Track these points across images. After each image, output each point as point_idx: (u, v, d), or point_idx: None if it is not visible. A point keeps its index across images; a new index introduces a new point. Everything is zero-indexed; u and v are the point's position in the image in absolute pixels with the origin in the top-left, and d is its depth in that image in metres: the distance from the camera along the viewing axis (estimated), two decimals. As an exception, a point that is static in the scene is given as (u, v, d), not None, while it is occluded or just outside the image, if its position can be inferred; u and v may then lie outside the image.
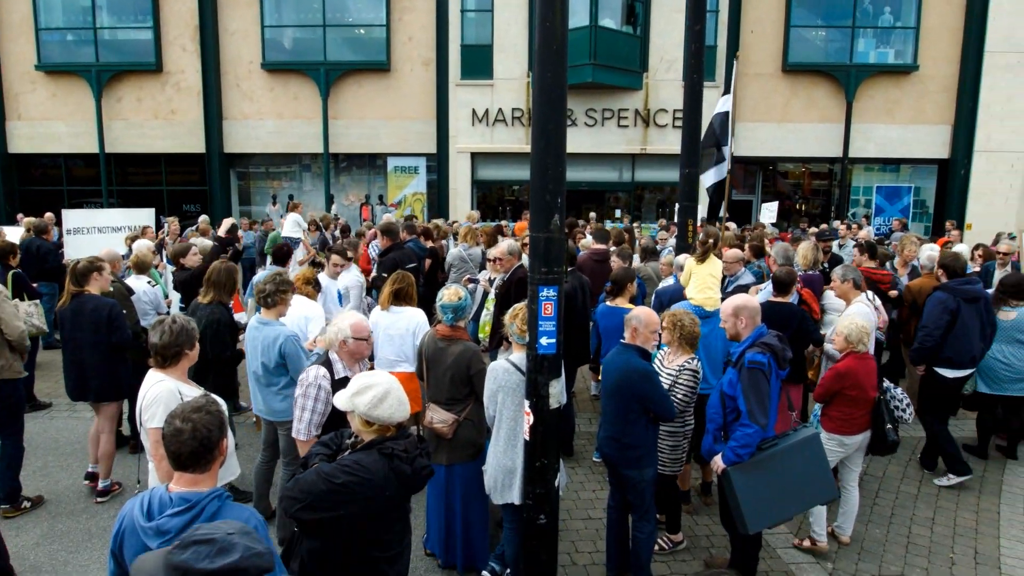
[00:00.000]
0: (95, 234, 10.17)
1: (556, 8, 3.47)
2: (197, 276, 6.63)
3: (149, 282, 6.99)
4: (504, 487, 4.09)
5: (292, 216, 13.06)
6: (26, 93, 18.92)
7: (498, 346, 6.07)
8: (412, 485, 2.80)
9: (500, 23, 17.81)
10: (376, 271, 8.12)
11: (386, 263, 7.66)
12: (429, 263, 9.10)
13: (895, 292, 7.14)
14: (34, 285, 7.72)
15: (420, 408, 4.96)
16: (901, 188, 18.84)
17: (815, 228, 14.00)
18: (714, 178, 9.23)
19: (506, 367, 4.07)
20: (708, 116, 9.31)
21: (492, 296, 7.00)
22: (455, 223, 13.99)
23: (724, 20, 17.69)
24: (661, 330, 4.47)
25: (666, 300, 6.31)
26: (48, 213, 11.85)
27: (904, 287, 7.17)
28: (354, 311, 4.60)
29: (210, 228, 11.76)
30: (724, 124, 9.21)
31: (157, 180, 19.76)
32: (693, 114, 7.47)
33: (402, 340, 5.28)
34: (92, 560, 4.70)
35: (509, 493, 4.08)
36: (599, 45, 16.62)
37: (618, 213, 19.03)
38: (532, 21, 17.03)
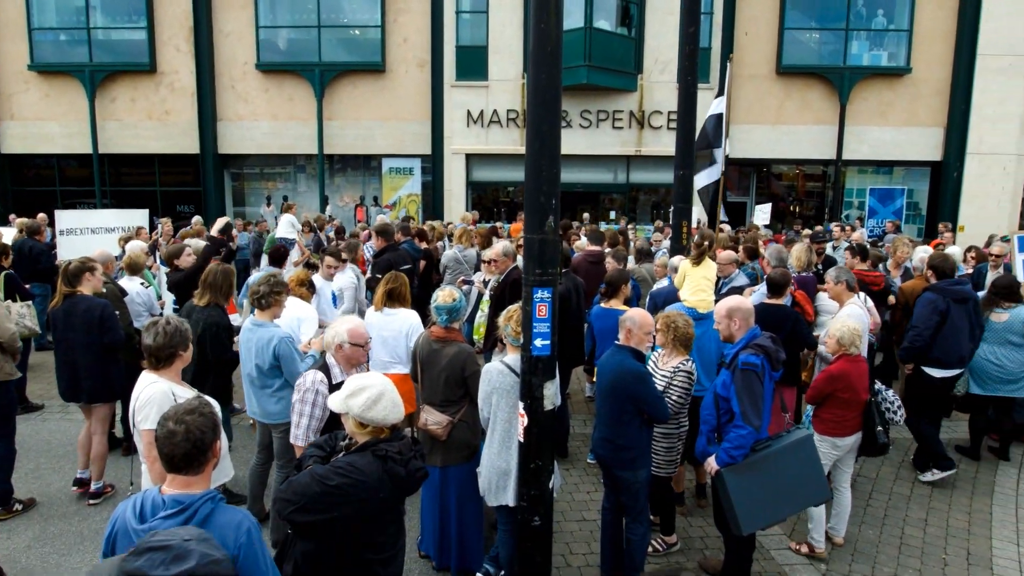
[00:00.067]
0: (88, 235, 10.13)
1: (551, 10, 3.48)
2: (190, 277, 6.61)
3: (142, 283, 6.97)
4: (498, 489, 4.09)
5: (286, 217, 13.02)
6: (19, 93, 18.82)
7: (492, 348, 6.07)
8: (406, 487, 2.80)
9: (495, 24, 17.81)
10: (370, 272, 8.12)
11: (380, 264, 7.65)
12: (423, 264, 9.10)
13: (892, 298, 7.16)
14: (26, 286, 7.68)
15: (414, 409, 4.96)
16: (894, 190, 18.92)
17: (809, 230, 14.05)
18: (705, 180, 9.26)
19: (500, 369, 4.07)
20: (703, 118, 9.34)
21: (487, 298, 7.00)
22: (450, 224, 13.99)
23: (718, 22, 17.73)
24: (655, 332, 4.48)
25: (660, 302, 6.32)
26: (41, 214, 11.78)
27: (897, 289, 7.20)
28: (353, 315, 4.58)
29: (204, 229, 11.72)
30: (717, 127, 9.23)
31: (151, 181, 19.67)
32: (687, 116, 7.50)
33: (395, 342, 5.28)
34: (84, 563, 4.68)
35: (503, 495, 4.07)
36: (594, 47, 16.64)
37: (612, 215, 19.05)
38: (527, 22, 17.05)
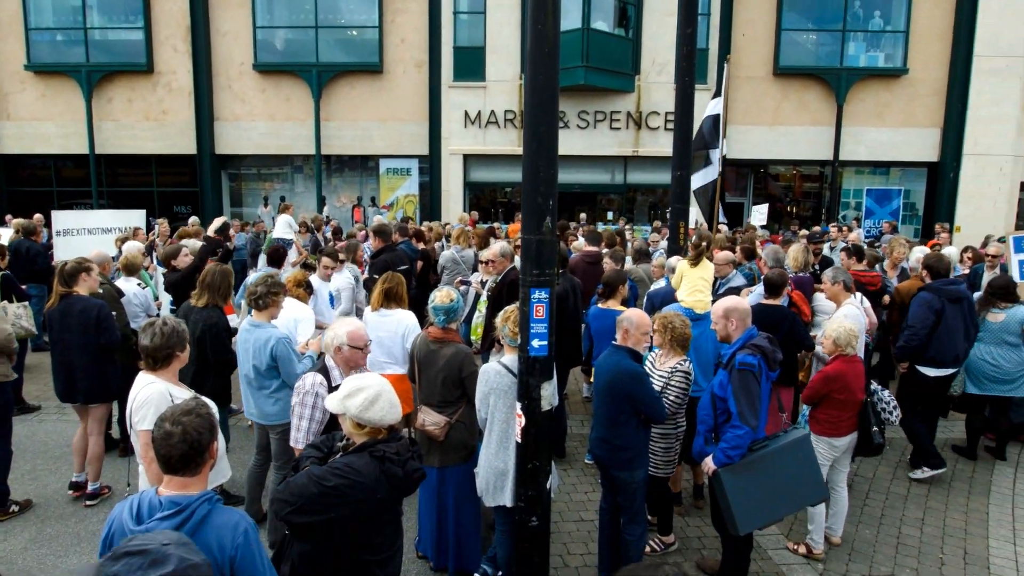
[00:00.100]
0: (85, 235, 10.10)
1: (548, 10, 3.48)
2: (187, 278, 6.60)
3: (139, 284, 6.95)
4: (496, 489, 4.09)
5: (283, 218, 13.01)
6: (15, 93, 18.78)
7: (490, 348, 6.06)
8: (404, 488, 2.80)
9: (492, 25, 17.82)
10: (368, 272, 8.12)
11: (378, 264, 7.65)
12: (421, 265, 9.10)
13: (887, 297, 7.18)
14: (23, 287, 7.66)
15: (411, 409, 4.96)
16: (891, 191, 18.95)
17: (806, 231, 14.08)
18: (701, 181, 9.26)
19: (498, 369, 4.07)
20: (700, 119, 9.34)
21: (484, 298, 7.00)
22: (447, 225, 13.99)
23: (715, 23, 17.76)
24: (652, 332, 4.48)
25: (658, 302, 6.32)
26: (37, 214, 11.76)
27: (894, 289, 7.22)
28: (353, 317, 4.57)
29: (201, 230, 11.70)
30: (713, 128, 9.24)
31: (148, 181, 19.64)
32: (685, 117, 7.50)
33: (391, 342, 5.27)
34: (81, 564, 4.67)
35: (501, 495, 4.08)
36: (591, 47, 16.66)
37: (610, 216, 19.07)
38: (524, 23, 17.04)
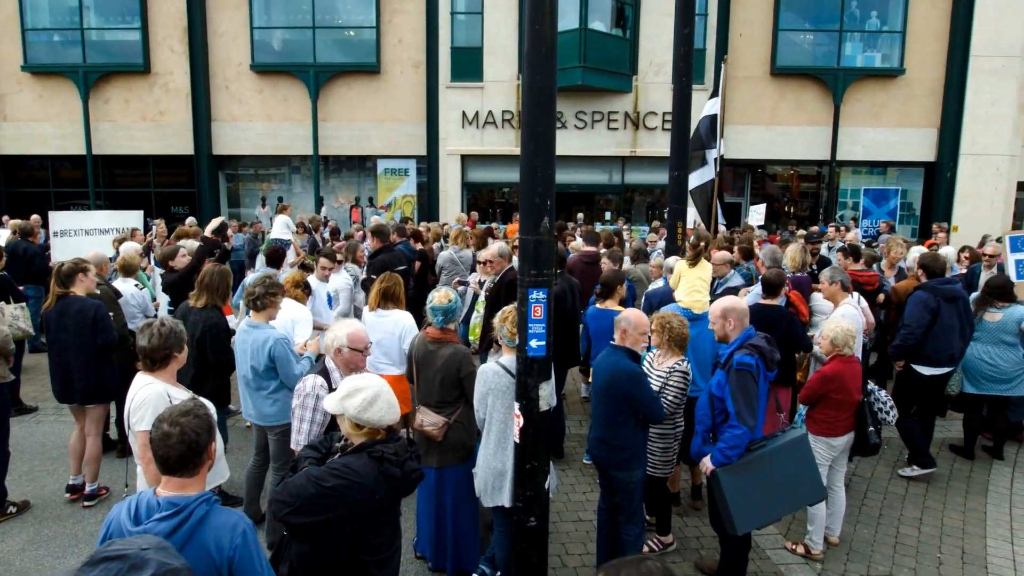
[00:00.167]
0: (82, 236, 10.08)
1: (545, 11, 3.48)
2: (185, 278, 6.59)
3: (136, 285, 6.94)
4: (494, 489, 4.09)
5: (281, 218, 13.01)
6: (12, 94, 18.75)
7: (488, 348, 6.07)
8: (402, 488, 2.80)
9: (490, 25, 17.82)
10: (366, 273, 8.12)
11: (376, 265, 7.65)
12: (419, 265, 9.10)
13: (882, 296, 7.20)
14: (20, 288, 7.65)
15: (409, 410, 4.95)
16: (888, 191, 18.99)
17: (803, 230, 14.09)
18: (697, 181, 9.27)
19: (496, 370, 4.07)
20: (697, 119, 9.35)
21: (482, 299, 7.00)
22: (445, 225, 13.99)
23: (713, 24, 17.78)
24: (650, 332, 4.48)
25: (656, 302, 6.33)
26: (34, 215, 11.75)
27: (891, 288, 7.24)
28: (354, 319, 4.57)
29: (200, 230, 11.68)
30: (710, 128, 9.25)
31: (145, 182, 19.62)
32: (682, 117, 7.51)
33: (388, 343, 5.27)
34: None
35: (499, 495, 4.07)
36: (589, 48, 16.67)
37: (608, 216, 19.09)
38: (522, 23, 17.05)
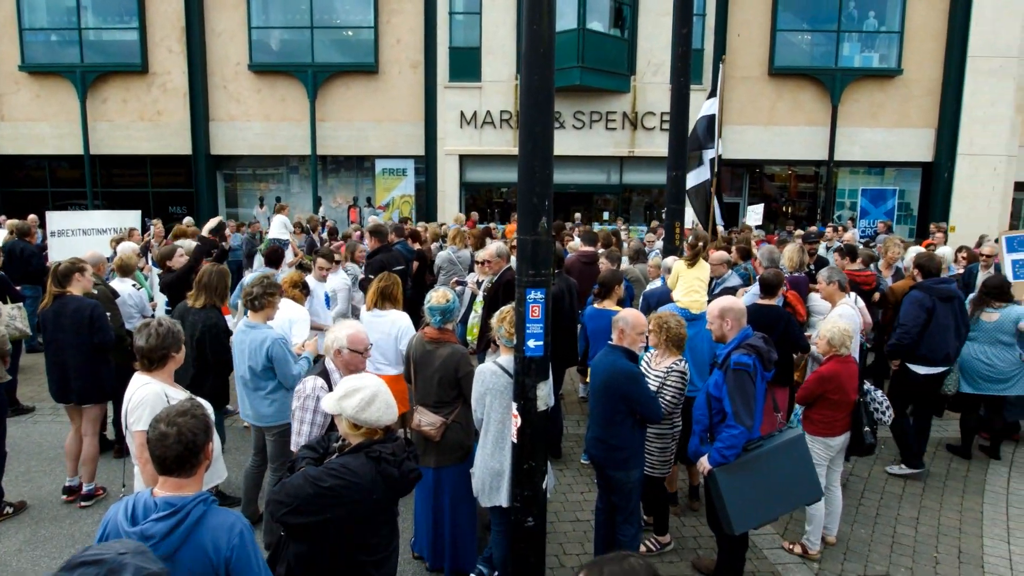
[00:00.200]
0: (80, 236, 10.07)
1: (543, 11, 3.48)
2: (182, 278, 6.58)
3: (134, 285, 6.94)
4: (492, 489, 4.09)
5: (279, 218, 12.99)
6: (10, 94, 18.72)
7: (486, 349, 6.07)
8: (400, 488, 2.80)
9: (488, 25, 17.82)
10: (363, 272, 8.12)
11: (373, 265, 7.64)
12: (416, 266, 9.10)
13: (877, 295, 7.21)
14: (17, 288, 7.64)
15: (407, 409, 4.95)
16: (886, 191, 19.03)
17: (801, 230, 14.11)
18: (693, 181, 9.27)
19: (494, 370, 4.07)
20: (695, 119, 9.36)
21: (480, 299, 7.00)
22: (443, 225, 13.99)
23: (711, 24, 17.80)
24: (648, 332, 4.49)
25: (654, 302, 6.33)
26: (32, 215, 11.73)
27: (888, 288, 7.25)
28: (355, 321, 4.57)
29: (197, 229, 11.67)
30: (708, 128, 9.25)
31: (143, 182, 19.60)
32: (680, 117, 7.51)
33: (385, 344, 5.27)
34: None
35: (497, 496, 4.07)
36: (587, 48, 16.67)
37: (606, 216, 19.10)
38: (520, 24, 17.05)
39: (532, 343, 3.65)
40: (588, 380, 5.61)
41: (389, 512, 2.86)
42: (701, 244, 6.23)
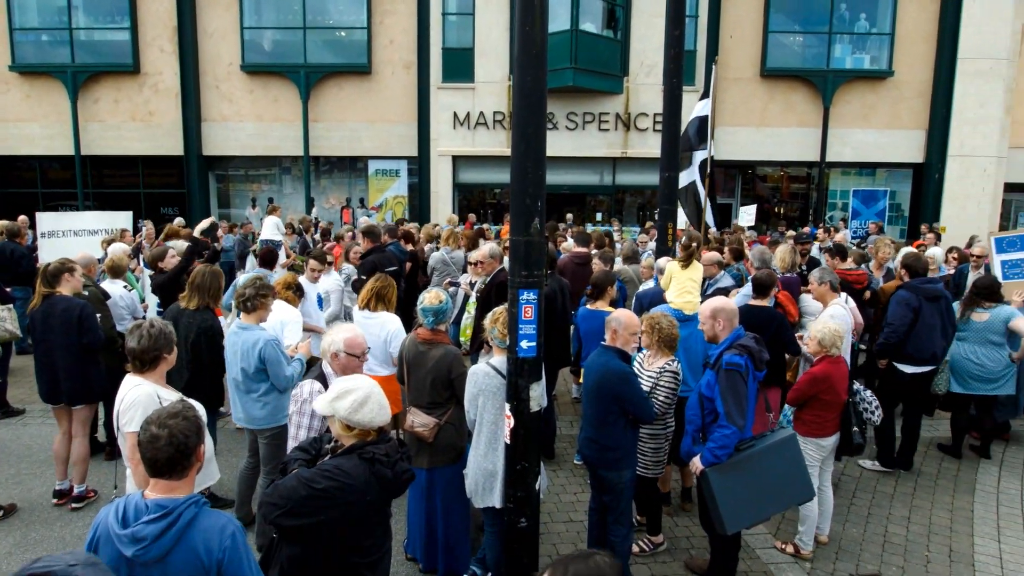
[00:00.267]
0: (70, 237, 10.01)
1: (536, 13, 3.49)
2: (174, 279, 6.56)
3: (125, 286, 6.90)
4: (485, 490, 4.09)
5: (271, 219, 12.96)
6: (0, 95, 18.59)
7: (479, 349, 6.07)
8: (393, 489, 2.80)
9: (481, 26, 17.82)
10: (356, 273, 8.11)
11: (366, 265, 7.64)
12: (409, 266, 9.09)
13: (868, 293, 7.25)
14: (7, 290, 7.59)
15: (400, 410, 4.94)
16: (877, 192, 19.12)
17: (793, 231, 14.17)
18: (682, 183, 9.29)
19: (487, 371, 4.07)
20: (688, 120, 9.38)
21: (473, 300, 6.99)
22: (437, 226, 13.98)
23: (703, 25, 17.87)
24: (640, 333, 4.50)
25: (646, 303, 6.35)
26: (22, 216, 11.64)
27: (879, 288, 7.28)
28: (352, 324, 4.55)
29: (189, 230, 11.62)
30: (700, 129, 9.27)
31: (134, 183, 19.49)
32: (673, 118, 7.53)
33: (374, 345, 5.23)
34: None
35: (490, 496, 4.07)
36: (580, 49, 16.70)
37: (599, 216, 19.13)
38: (513, 25, 17.07)
39: (525, 344, 3.66)
40: (581, 381, 5.63)
41: (382, 513, 2.86)
42: (694, 245, 6.26)
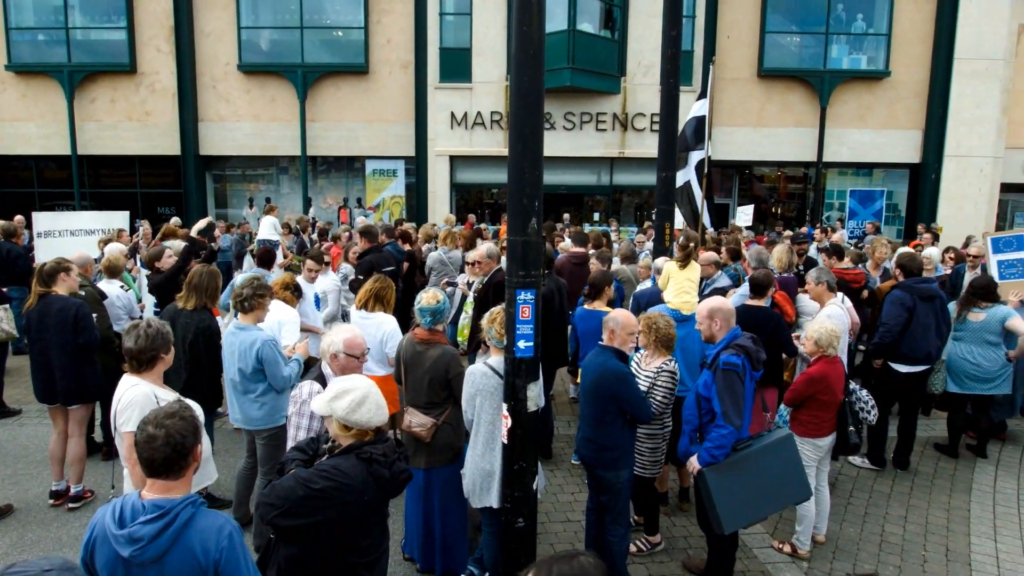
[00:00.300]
0: (67, 237, 9.99)
1: (533, 12, 3.49)
2: (170, 279, 6.54)
3: (122, 286, 6.89)
4: (482, 491, 4.09)
5: (268, 219, 12.93)
6: (-5, 94, 18.57)
7: (476, 349, 6.07)
8: (391, 489, 2.79)
9: (478, 26, 17.82)
10: (353, 273, 8.10)
11: (363, 265, 7.63)
12: (407, 266, 9.08)
13: (866, 292, 7.27)
14: (3, 290, 7.57)
15: (397, 410, 4.94)
16: (874, 192, 19.15)
17: (790, 231, 14.20)
18: (679, 183, 9.28)
19: (484, 371, 4.07)
20: (685, 120, 9.38)
21: (471, 299, 7.00)
22: (434, 226, 13.97)
23: (700, 25, 17.88)
24: (638, 333, 4.50)
25: (644, 303, 6.35)
26: (18, 216, 11.61)
27: (876, 288, 7.30)
28: (352, 325, 4.55)
29: (186, 230, 11.59)
30: (697, 130, 9.27)
31: (131, 183, 19.45)
32: (670, 118, 7.53)
33: (370, 346, 5.23)
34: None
35: (487, 497, 4.07)
36: (577, 49, 16.70)
37: (596, 216, 19.14)
38: (510, 24, 17.05)
39: (522, 344, 3.65)
40: (578, 381, 5.63)
41: (380, 513, 2.86)
42: (692, 245, 6.26)
